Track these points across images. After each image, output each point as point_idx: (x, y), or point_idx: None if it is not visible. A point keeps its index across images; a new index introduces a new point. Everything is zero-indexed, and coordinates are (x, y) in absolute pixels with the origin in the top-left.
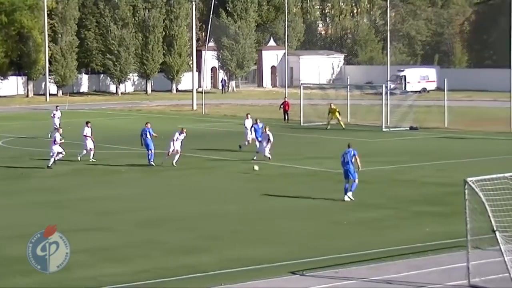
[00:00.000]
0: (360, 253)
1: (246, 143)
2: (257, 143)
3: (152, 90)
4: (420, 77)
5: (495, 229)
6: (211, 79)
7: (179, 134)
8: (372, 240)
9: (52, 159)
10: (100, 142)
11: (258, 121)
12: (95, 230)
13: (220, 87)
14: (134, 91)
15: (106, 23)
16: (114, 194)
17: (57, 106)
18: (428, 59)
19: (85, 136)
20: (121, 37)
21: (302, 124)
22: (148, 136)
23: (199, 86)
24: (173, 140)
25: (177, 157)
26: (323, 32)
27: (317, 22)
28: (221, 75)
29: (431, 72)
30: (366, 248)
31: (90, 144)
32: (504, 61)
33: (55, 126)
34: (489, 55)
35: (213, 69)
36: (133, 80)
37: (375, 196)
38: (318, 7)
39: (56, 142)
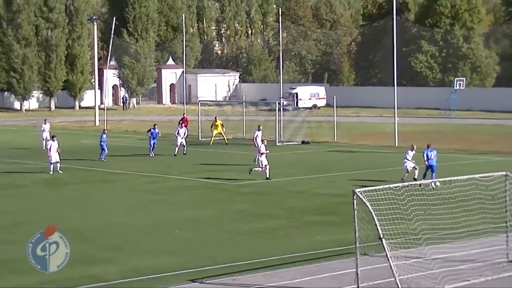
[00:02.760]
0: (256, 261)
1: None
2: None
3: (55, 107)
4: (311, 94)
5: (381, 236)
6: (113, 96)
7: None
8: (267, 249)
9: None
10: (5, 157)
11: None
12: None
13: (121, 104)
14: (38, 107)
15: (9, 42)
16: (17, 208)
17: (45, 120)
18: (318, 77)
19: (49, 149)
20: (25, 55)
21: (200, 139)
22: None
23: (101, 103)
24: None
25: None
26: (219, 52)
27: (214, 42)
28: (122, 92)
29: (321, 90)
30: (262, 256)
31: (55, 157)
32: (388, 79)
33: (43, 138)
34: (375, 73)
35: (114, 87)
36: (37, 97)
37: (270, 207)
38: (214, 27)
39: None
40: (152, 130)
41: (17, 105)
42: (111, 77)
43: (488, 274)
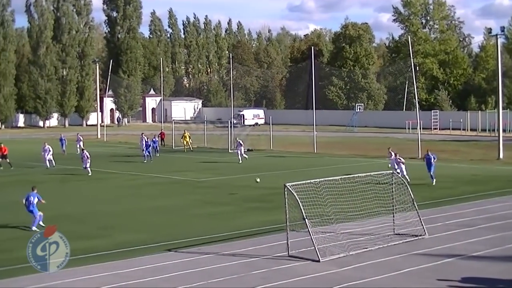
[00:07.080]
0: (214, 236)
1: None
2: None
3: (69, 125)
4: (253, 115)
5: (305, 217)
6: (110, 117)
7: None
8: (222, 227)
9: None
10: (29, 161)
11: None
12: (21, 224)
13: (116, 122)
14: (56, 125)
15: (35, 78)
16: None
17: (78, 134)
18: (258, 103)
19: (82, 157)
20: (47, 88)
21: (173, 147)
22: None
23: (102, 122)
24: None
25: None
26: (187, 85)
27: (183, 77)
28: (117, 114)
29: (260, 112)
30: (219, 232)
31: (86, 163)
32: (309, 104)
33: (79, 147)
34: (298, 100)
35: (111, 110)
36: (56, 117)
37: (222, 197)
38: (183, 67)
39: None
40: (145, 142)
41: (41, 123)
42: (109, 103)
43: (380, 243)
